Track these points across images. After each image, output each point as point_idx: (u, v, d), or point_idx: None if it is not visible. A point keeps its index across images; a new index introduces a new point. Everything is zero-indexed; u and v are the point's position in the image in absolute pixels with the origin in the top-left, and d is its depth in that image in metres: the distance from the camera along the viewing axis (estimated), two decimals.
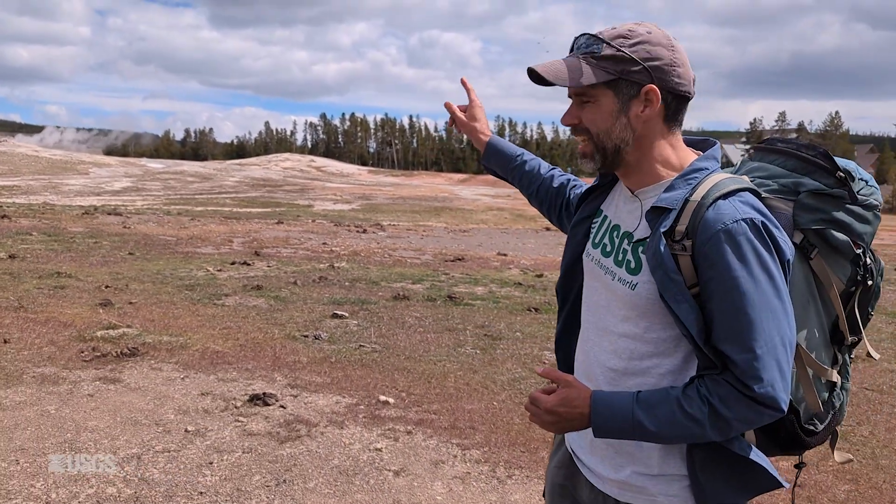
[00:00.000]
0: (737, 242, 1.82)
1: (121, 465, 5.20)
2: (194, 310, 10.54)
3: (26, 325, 9.00)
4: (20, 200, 36.95)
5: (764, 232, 1.84)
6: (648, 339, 2.00)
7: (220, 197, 48.00)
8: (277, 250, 18.92)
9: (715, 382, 1.86)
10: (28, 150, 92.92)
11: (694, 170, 1.98)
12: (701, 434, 1.87)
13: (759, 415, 1.85)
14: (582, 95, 1.98)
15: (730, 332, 1.83)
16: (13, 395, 6.50)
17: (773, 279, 1.83)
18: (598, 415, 1.92)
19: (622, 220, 2.11)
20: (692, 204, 1.88)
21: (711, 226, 1.84)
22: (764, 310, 1.82)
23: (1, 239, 18.19)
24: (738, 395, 1.83)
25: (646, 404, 1.89)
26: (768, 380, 1.81)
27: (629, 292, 2.00)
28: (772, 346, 1.82)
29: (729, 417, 1.84)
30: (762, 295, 1.82)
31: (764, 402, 1.82)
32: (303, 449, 5.64)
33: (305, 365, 7.85)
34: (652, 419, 1.88)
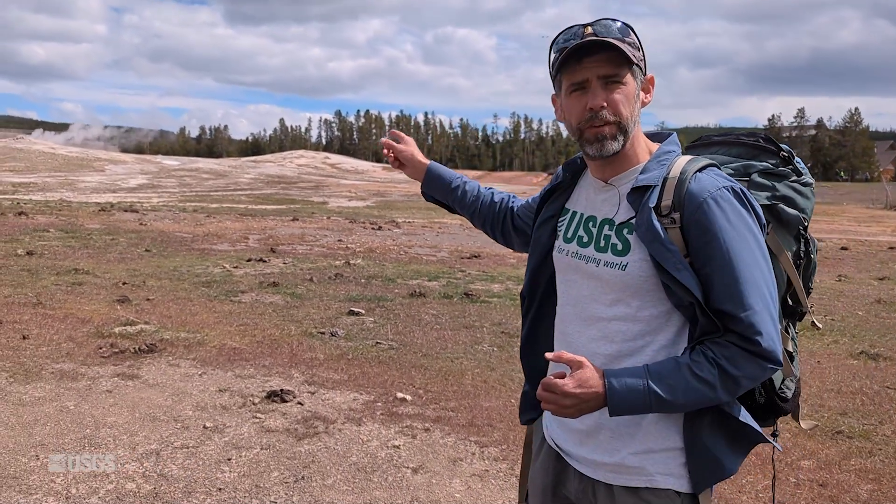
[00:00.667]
0: (723, 208, 1.95)
1: (140, 461, 5.21)
2: (211, 306, 10.57)
3: (45, 322, 9.05)
4: (37, 197, 37.14)
5: (744, 197, 1.99)
6: (641, 317, 2.06)
7: (236, 194, 48.12)
8: (293, 247, 18.94)
9: (719, 345, 1.95)
10: (44, 148, 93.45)
11: (664, 152, 2.13)
12: (713, 396, 1.95)
13: (763, 370, 1.96)
14: (612, 77, 2.03)
15: (728, 292, 1.93)
16: (32, 391, 6.53)
17: (757, 239, 1.98)
18: (613, 392, 1.94)
19: (597, 209, 2.19)
20: (672, 180, 2.01)
21: (697, 195, 1.97)
22: (755, 267, 1.96)
23: (19, 235, 18.29)
24: (743, 353, 1.94)
25: (657, 375, 1.95)
26: (768, 333, 1.93)
27: (619, 273, 2.07)
28: (765, 302, 1.95)
29: (738, 376, 1.94)
30: (751, 254, 1.96)
31: (767, 356, 1.94)
32: (321, 446, 5.64)
33: (322, 362, 7.86)
34: (666, 388, 1.93)
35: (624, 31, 2.05)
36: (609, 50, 2.00)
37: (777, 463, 5.43)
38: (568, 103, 2.11)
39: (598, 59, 2.01)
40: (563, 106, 2.15)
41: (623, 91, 2.04)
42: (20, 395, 6.41)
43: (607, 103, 2.02)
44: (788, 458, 5.64)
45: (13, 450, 5.30)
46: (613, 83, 2.03)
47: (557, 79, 2.13)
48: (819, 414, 6.63)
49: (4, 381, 6.74)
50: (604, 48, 2.00)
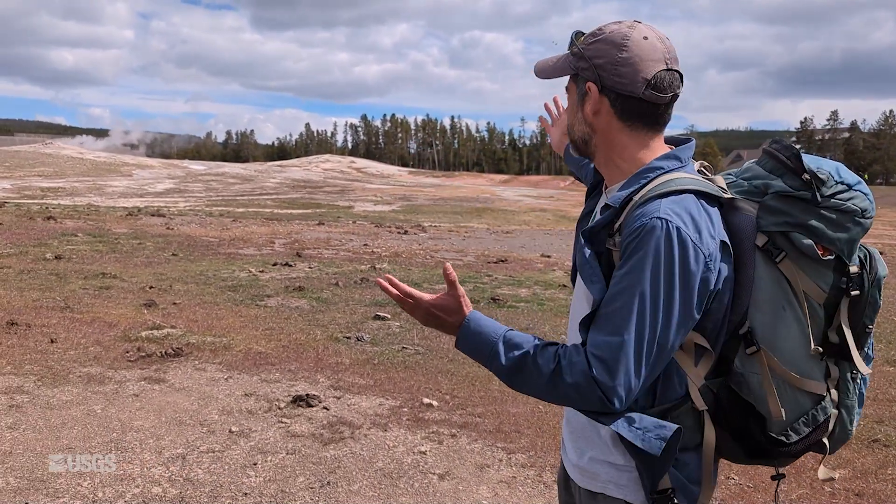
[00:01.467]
0: (643, 241, 1.84)
1: (166, 466, 5.20)
2: (237, 311, 10.58)
3: (72, 326, 9.09)
4: (65, 202, 37.44)
5: (675, 236, 1.84)
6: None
7: (262, 198, 48.31)
8: (319, 251, 18.97)
9: (574, 350, 1.91)
10: (73, 153, 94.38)
11: (648, 169, 2.00)
12: (538, 386, 1.93)
13: (589, 393, 1.86)
14: (567, 87, 2.13)
15: (601, 314, 1.89)
16: (60, 395, 6.55)
17: (670, 282, 1.84)
18: (465, 330, 2.02)
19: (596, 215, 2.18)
20: (633, 203, 1.93)
21: (631, 224, 1.88)
22: (639, 307, 1.84)
23: (47, 240, 18.42)
24: (583, 368, 1.86)
25: (509, 342, 1.96)
26: (611, 368, 1.83)
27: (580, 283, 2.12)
28: (628, 342, 1.83)
29: (567, 383, 1.87)
30: (651, 293, 1.83)
31: (600, 386, 1.84)
32: (346, 451, 5.61)
33: (348, 366, 7.83)
34: (507, 355, 1.95)
35: (571, 43, 2.09)
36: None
37: (811, 472, 5.34)
38: None
39: None
40: None
41: (568, 101, 2.15)
42: (48, 399, 6.43)
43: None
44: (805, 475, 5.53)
45: (41, 453, 5.32)
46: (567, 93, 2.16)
47: None
48: None
49: (32, 385, 6.77)
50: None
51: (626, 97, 1.97)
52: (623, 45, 1.95)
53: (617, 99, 1.98)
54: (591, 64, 1.99)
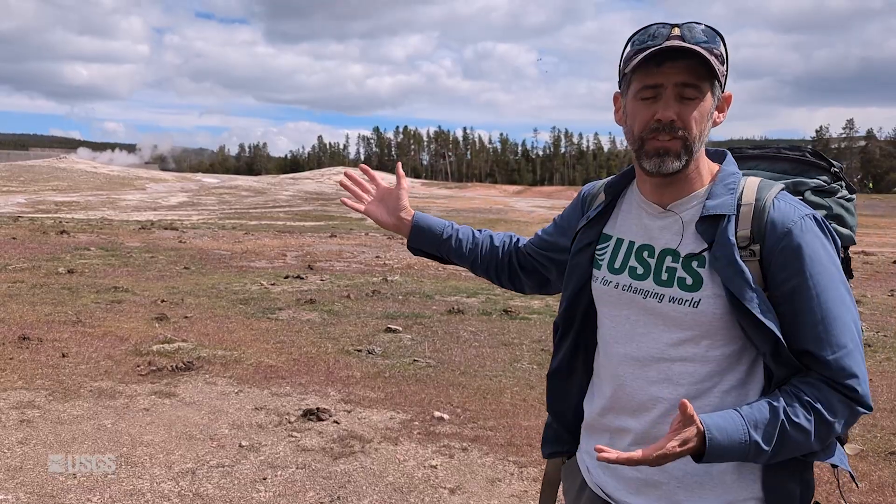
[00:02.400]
0: (807, 240, 1.79)
1: (175, 480, 5.18)
2: (248, 324, 10.57)
3: (84, 340, 9.09)
4: (79, 216, 37.61)
5: (825, 226, 1.85)
6: (710, 357, 1.88)
7: (274, 211, 48.44)
8: (331, 264, 18.98)
9: (812, 386, 1.78)
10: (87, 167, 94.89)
11: (729, 174, 1.94)
12: (807, 444, 1.78)
13: (854, 416, 1.80)
14: (691, 88, 1.83)
15: (816, 332, 1.77)
16: (71, 409, 6.54)
17: (841, 272, 1.83)
18: (714, 442, 1.72)
19: (654, 238, 1.99)
20: (748, 207, 1.85)
21: (780, 226, 1.81)
22: (843, 304, 1.80)
23: (60, 254, 18.48)
24: (838, 396, 1.77)
25: (755, 423, 1.75)
26: (862, 376, 1.78)
27: (690, 311, 1.87)
28: (856, 341, 1.80)
29: (832, 422, 1.77)
30: (838, 289, 1.80)
31: (861, 401, 1.78)
32: (357, 465, 5.58)
33: (359, 380, 7.81)
34: (765, 438, 1.74)
35: (712, 39, 1.84)
36: (694, 58, 1.81)
37: (827, 485, 5.28)
38: (634, 107, 1.90)
39: (680, 66, 1.82)
40: (629, 110, 1.93)
41: (698, 106, 1.84)
42: (59, 413, 6.42)
43: (678, 117, 1.83)
44: (839, 479, 5.47)
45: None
46: (690, 97, 1.84)
47: (627, 78, 1.91)
48: (871, 434, 6.46)
49: (44, 399, 6.77)
50: (689, 56, 1.80)
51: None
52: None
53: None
54: (727, 70, 1.90)
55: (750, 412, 1.76)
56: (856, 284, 16.75)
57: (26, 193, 55.98)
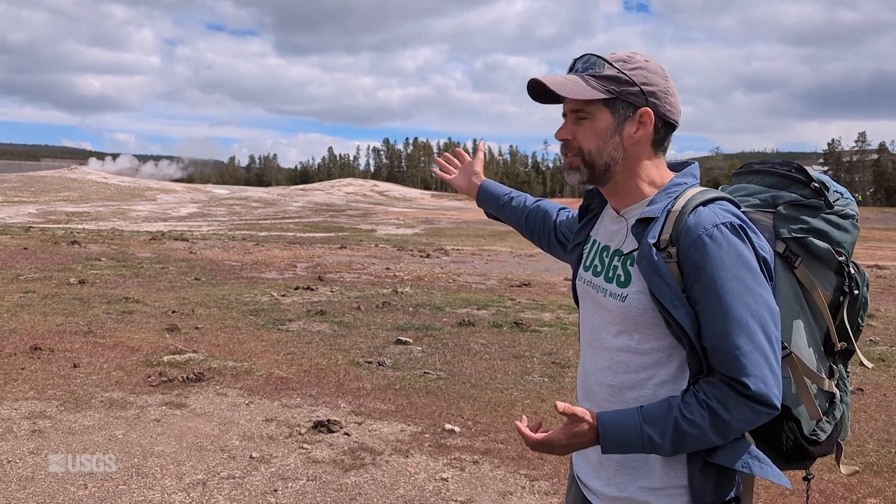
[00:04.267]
0: (718, 244, 1.90)
1: (186, 492, 5.17)
2: (259, 335, 10.57)
3: (95, 350, 9.11)
4: (90, 226, 37.76)
5: (742, 233, 1.93)
6: (642, 350, 2.04)
7: (284, 222, 48.52)
8: (341, 275, 18.99)
9: (711, 385, 1.92)
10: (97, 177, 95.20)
11: (674, 184, 2.09)
12: (703, 439, 1.92)
13: (756, 414, 1.90)
14: (579, 112, 2.06)
15: (717, 331, 1.89)
16: (82, 420, 6.54)
17: (755, 277, 1.91)
18: (607, 435, 1.94)
19: (610, 240, 2.19)
20: (674, 213, 1.98)
21: (693, 230, 1.93)
22: (748, 307, 1.89)
23: (71, 264, 18.55)
24: (734, 396, 1.88)
25: (650, 418, 1.93)
26: (759, 375, 1.86)
27: (620, 304, 2.06)
28: (758, 343, 1.88)
29: (728, 420, 1.89)
30: (746, 293, 1.89)
31: (758, 399, 1.87)
32: (367, 477, 5.56)
33: (370, 392, 7.79)
34: (658, 432, 1.91)
35: (593, 65, 2.07)
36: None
37: (842, 501, 5.25)
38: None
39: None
40: None
41: (589, 126, 2.06)
42: (70, 424, 6.43)
43: (572, 136, 2.08)
44: (854, 495, 5.43)
45: (62, 479, 5.30)
46: (581, 118, 2.07)
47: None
48: (885, 450, 6.41)
49: (55, 410, 6.77)
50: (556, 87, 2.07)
51: (670, 125, 2.11)
52: (665, 76, 2.08)
53: (662, 126, 2.09)
54: (640, 90, 2.04)
55: (648, 409, 1.95)
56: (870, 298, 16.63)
57: (38, 204, 56.21)
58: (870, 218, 70.71)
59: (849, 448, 6.32)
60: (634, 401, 2.03)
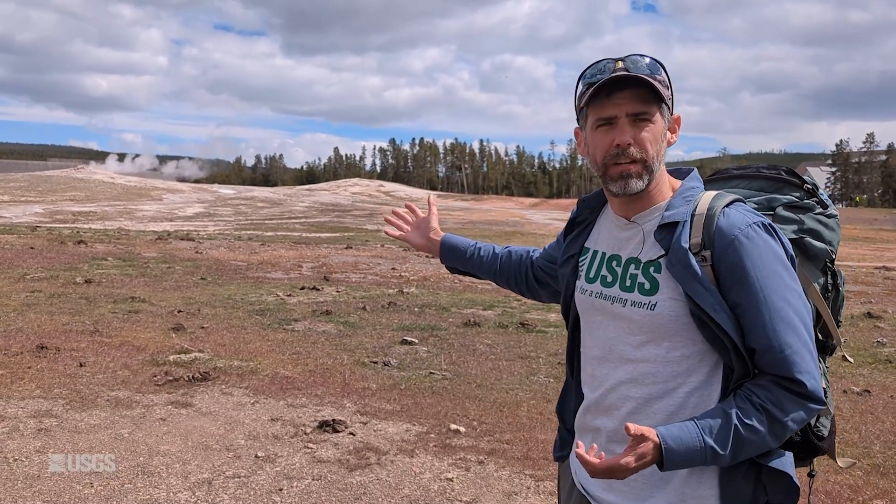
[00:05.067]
0: (754, 244, 1.92)
1: (192, 490, 5.18)
2: (264, 335, 10.59)
3: (101, 349, 9.13)
4: (96, 226, 37.81)
5: (774, 232, 1.96)
6: (671, 358, 2.01)
7: (290, 222, 48.54)
8: (346, 275, 18.99)
9: (762, 387, 1.90)
10: (104, 177, 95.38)
11: (688, 188, 2.10)
12: (763, 444, 1.90)
13: (808, 411, 1.91)
14: (643, 115, 2.00)
15: (763, 331, 1.89)
16: (88, 419, 6.56)
17: (791, 274, 1.94)
18: (671, 452, 1.86)
19: (621, 248, 2.15)
20: (700, 217, 1.99)
21: (728, 232, 1.94)
22: (789, 304, 1.91)
23: (77, 264, 18.58)
24: (787, 395, 1.89)
25: (710, 429, 1.88)
26: (809, 372, 1.88)
27: (648, 313, 2.01)
28: (803, 340, 1.90)
29: (784, 420, 1.88)
30: (785, 290, 1.91)
31: (811, 396, 1.88)
32: (372, 477, 5.57)
33: (375, 392, 7.80)
34: (720, 442, 1.87)
35: (654, 68, 2.02)
36: (640, 86, 1.98)
37: (849, 503, 5.24)
38: (594, 138, 2.07)
39: (628, 95, 1.99)
40: (589, 140, 2.10)
41: (651, 129, 2.01)
42: (76, 423, 6.44)
43: (634, 141, 1.99)
44: (860, 496, 5.42)
45: (68, 477, 5.32)
46: (642, 121, 2.00)
47: (584, 112, 2.10)
48: (893, 451, 6.38)
49: (61, 409, 6.79)
50: (635, 84, 1.98)
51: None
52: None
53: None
54: (672, 94, 2.07)
55: (704, 420, 1.90)
56: (877, 300, 16.67)
57: (44, 203, 56.31)
58: (878, 219, 70.58)
59: (855, 449, 6.32)
60: (663, 410, 2.01)
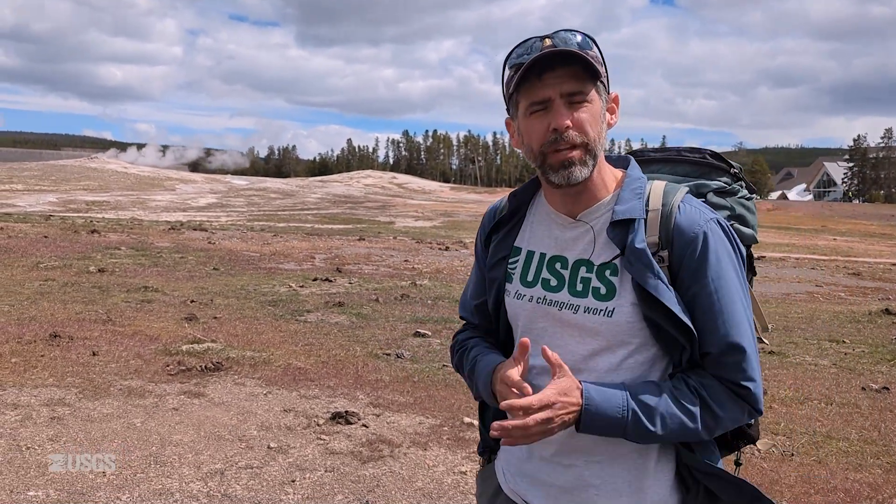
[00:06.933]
0: (714, 244, 1.83)
1: (204, 481, 5.17)
2: (277, 325, 10.58)
3: (114, 339, 9.13)
4: (109, 215, 37.92)
5: (728, 230, 1.90)
6: (625, 366, 1.87)
7: (303, 213, 48.59)
8: (359, 267, 18.98)
9: (701, 377, 1.83)
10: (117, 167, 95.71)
11: (635, 179, 1.95)
12: (692, 428, 1.80)
13: (748, 415, 1.87)
14: (578, 95, 1.82)
15: (720, 335, 1.81)
16: (101, 408, 6.55)
17: (741, 277, 1.89)
18: (591, 402, 1.76)
19: (565, 249, 1.97)
20: (654, 213, 1.86)
21: (688, 231, 1.83)
22: (743, 306, 1.85)
23: (91, 253, 18.61)
24: (729, 394, 1.82)
25: (635, 393, 1.80)
26: (757, 380, 1.83)
27: (605, 321, 1.86)
28: (753, 345, 1.84)
29: (721, 416, 1.82)
30: (741, 291, 1.86)
31: (752, 402, 1.83)
32: (385, 469, 5.54)
33: (388, 384, 7.77)
34: (645, 409, 1.78)
35: (586, 44, 1.84)
36: (572, 64, 1.80)
37: (868, 501, 5.18)
38: (527, 125, 1.87)
39: (560, 74, 1.80)
40: (522, 129, 1.90)
41: (589, 109, 1.83)
42: (88, 412, 6.43)
43: (573, 123, 1.81)
44: (880, 495, 5.34)
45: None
46: (578, 101, 1.82)
47: (514, 99, 1.90)
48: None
49: (74, 397, 6.78)
50: (566, 61, 1.79)
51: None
52: None
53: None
54: (606, 71, 1.90)
55: (633, 386, 1.82)
56: (895, 296, 16.55)
57: (58, 192, 56.53)
58: (895, 215, 70.18)
59: (875, 447, 6.27)
60: None
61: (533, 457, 2.00)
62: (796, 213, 72.01)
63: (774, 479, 5.48)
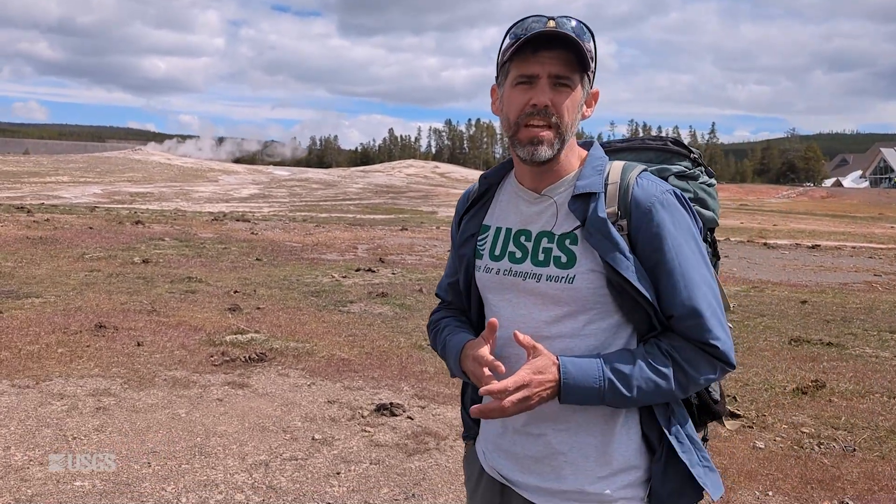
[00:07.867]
0: (670, 213, 1.93)
1: (249, 472, 5.14)
2: (320, 316, 10.56)
3: (158, 329, 9.16)
4: (153, 207, 38.28)
5: (685, 200, 2.00)
6: (588, 332, 1.97)
7: (344, 203, 48.71)
8: (402, 257, 18.95)
9: (672, 339, 1.93)
10: (161, 158, 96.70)
11: (596, 157, 2.06)
12: (666, 389, 1.90)
13: (720, 371, 1.94)
14: (565, 79, 1.93)
15: (682, 298, 1.90)
16: (146, 398, 6.55)
17: (699, 243, 1.98)
18: (568, 375, 1.86)
19: (529, 223, 2.07)
20: (613, 186, 1.97)
21: (644, 201, 1.93)
22: (701, 272, 1.94)
23: (135, 244, 18.76)
24: (701, 353, 1.91)
25: (612, 362, 1.89)
26: (723, 336, 1.91)
27: (566, 287, 1.96)
28: (712, 306, 1.92)
29: (694, 376, 1.91)
30: (696, 258, 1.94)
31: (722, 358, 1.91)
32: (431, 462, 5.48)
33: (433, 375, 7.70)
34: (621, 376, 1.87)
35: (581, 32, 1.94)
36: (567, 48, 1.90)
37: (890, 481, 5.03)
38: (510, 95, 1.98)
39: (554, 56, 1.91)
40: (505, 97, 2.01)
41: (571, 96, 1.94)
42: (134, 402, 6.44)
43: (552, 103, 1.92)
44: None
45: (126, 456, 5.30)
46: (563, 86, 1.93)
47: (505, 68, 2.00)
48: None
49: (119, 388, 6.80)
50: (563, 45, 1.89)
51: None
52: None
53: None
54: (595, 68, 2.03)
55: (608, 355, 1.92)
56: None
57: (102, 184, 57.23)
58: None
59: (893, 440, 6.10)
60: None
61: (507, 430, 2.08)
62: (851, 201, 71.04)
63: (836, 476, 5.35)
